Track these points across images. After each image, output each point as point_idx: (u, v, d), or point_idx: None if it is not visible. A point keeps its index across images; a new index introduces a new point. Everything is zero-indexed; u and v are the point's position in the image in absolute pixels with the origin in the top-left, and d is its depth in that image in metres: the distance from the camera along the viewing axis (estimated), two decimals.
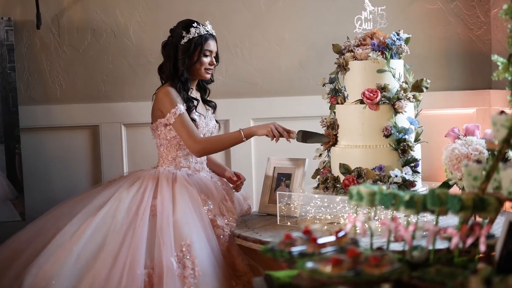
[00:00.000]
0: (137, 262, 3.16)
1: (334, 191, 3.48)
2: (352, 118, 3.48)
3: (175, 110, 3.52)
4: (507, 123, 2.31)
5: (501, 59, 2.79)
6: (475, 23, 4.48)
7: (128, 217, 3.34)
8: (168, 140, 3.61)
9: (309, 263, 2.11)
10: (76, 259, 3.17)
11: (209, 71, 3.67)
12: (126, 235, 3.26)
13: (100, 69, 4.22)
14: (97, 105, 4.21)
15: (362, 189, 2.47)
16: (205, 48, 3.61)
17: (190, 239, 3.26)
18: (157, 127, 3.63)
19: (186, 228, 3.29)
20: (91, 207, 3.40)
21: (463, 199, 2.26)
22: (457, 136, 3.46)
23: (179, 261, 3.20)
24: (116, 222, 3.31)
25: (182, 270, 3.18)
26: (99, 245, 3.24)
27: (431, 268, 2.19)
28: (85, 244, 3.22)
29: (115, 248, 3.22)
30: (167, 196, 3.42)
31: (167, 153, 3.64)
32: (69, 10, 4.17)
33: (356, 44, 3.58)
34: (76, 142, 4.22)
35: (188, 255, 3.21)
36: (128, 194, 3.44)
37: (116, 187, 3.52)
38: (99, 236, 3.26)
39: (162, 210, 3.35)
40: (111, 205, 3.39)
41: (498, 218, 2.42)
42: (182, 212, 3.35)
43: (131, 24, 4.22)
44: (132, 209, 3.37)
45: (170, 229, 3.27)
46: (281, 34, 4.35)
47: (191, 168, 3.65)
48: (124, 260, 3.17)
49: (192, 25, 3.60)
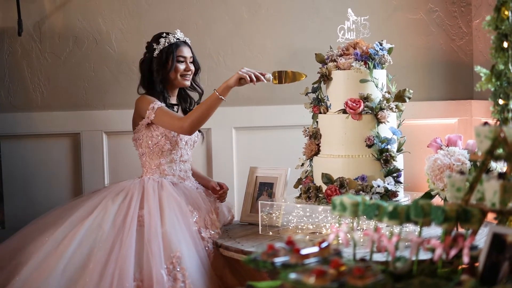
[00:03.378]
0: (125, 274, 3.12)
1: (316, 201, 3.47)
2: (334, 127, 3.48)
3: (153, 105, 3.51)
4: (490, 134, 2.32)
5: (484, 70, 2.81)
6: (457, 34, 4.50)
7: (115, 228, 3.29)
8: (150, 148, 3.59)
9: (292, 274, 2.10)
10: (63, 271, 3.13)
11: (186, 77, 3.65)
12: (114, 246, 3.22)
13: (81, 77, 4.19)
14: (79, 112, 4.18)
15: (345, 199, 2.47)
16: (177, 54, 3.61)
17: (180, 251, 3.22)
18: (138, 136, 3.61)
19: (175, 240, 3.26)
20: (76, 217, 3.35)
21: (447, 211, 2.26)
22: (439, 146, 3.46)
23: (169, 273, 3.16)
24: (103, 232, 3.27)
25: (172, 282, 3.15)
26: (86, 256, 3.19)
27: (415, 280, 2.18)
28: (71, 255, 3.18)
29: (103, 260, 3.17)
30: (154, 206, 3.37)
31: (150, 161, 3.61)
32: (51, 17, 4.14)
33: (339, 54, 3.59)
34: (57, 149, 4.18)
35: (178, 267, 3.18)
36: (114, 204, 3.40)
37: (100, 197, 3.48)
38: (85, 247, 3.22)
39: (150, 221, 3.30)
40: (97, 215, 3.34)
41: (480, 229, 2.42)
42: (170, 223, 3.31)
43: (113, 32, 4.20)
44: (118, 219, 3.33)
45: (159, 241, 3.22)
46: (263, 43, 4.35)
47: (176, 176, 3.63)
48: (112, 272, 3.13)
49: (161, 36, 3.63)
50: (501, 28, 2.73)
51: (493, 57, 2.77)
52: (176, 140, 3.60)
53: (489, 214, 2.37)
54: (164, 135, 3.57)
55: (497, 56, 2.76)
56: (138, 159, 3.68)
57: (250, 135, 4.31)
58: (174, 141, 3.60)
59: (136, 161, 3.73)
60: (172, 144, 3.60)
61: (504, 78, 2.75)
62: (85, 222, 3.30)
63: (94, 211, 3.37)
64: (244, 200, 3.78)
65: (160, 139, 3.57)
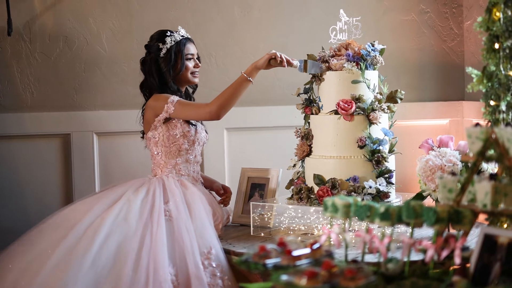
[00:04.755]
0: (160, 268, 3.02)
1: (308, 202, 3.46)
2: (326, 128, 3.47)
3: (172, 99, 3.44)
4: (482, 135, 2.32)
5: (476, 72, 2.81)
6: (448, 35, 4.50)
7: (142, 220, 3.19)
8: (167, 147, 3.50)
9: (284, 275, 2.09)
10: (91, 265, 3.01)
11: (195, 75, 3.61)
12: (143, 239, 3.12)
13: (72, 77, 4.17)
14: (69, 113, 4.15)
15: (337, 200, 2.46)
16: (186, 52, 3.56)
17: (214, 247, 3.17)
18: (154, 134, 3.50)
19: (207, 236, 3.20)
20: (97, 209, 3.24)
21: (439, 212, 2.26)
22: (431, 147, 3.46)
23: (205, 269, 3.09)
24: (130, 225, 3.16)
25: (210, 278, 3.08)
26: (115, 249, 3.08)
27: (407, 281, 2.18)
28: (98, 249, 3.05)
29: (133, 253, 3.06)
30: (180, 201, 3.30)
31: (166, 160, 3.52)
32: (41, 17, 4.11)
33: (331, 55, 3.58)
34: (47, 150, 4.15)
35: (214, 263, 3.12)
36: (136, 197, 3.31)
37: (121, 190, 3.38)
38: (113, 240, 3.10)
39: (178, 215, 3.23)
40: (121, 208, 3.23)
41: (471, 230, 2.42)
42: (199, 219, 3.25)
43: (104, 32, 4.18)
44: (144, 212, 3.23)
45: (190, 236, 3.15)
46: (255, 44, 4.34)
47: (190, 177, 3.56)
48: (146, 266, 3.03)
49: (166, 35, 3.54)
50: (493, 30, 2.73)
51: (485, 58, 2.78)
52: (194, 139, 3.54)
53: (480, 215, 2.37)
54: (183, 134, 3.50)
55: (489, 57, 2.76)
56: (129, 160, 3.66)
57: (241, 136, 4.31)
58: (191, 140, 3.54)
59: (127, 162, 3.71)
60: (189, 144, 3.53)
61: (495, 79, 2.75)
62: (108, 214, 3.18)
63: (117, 203, 3.26)
64: (236, 201, 3.77)
65: (179, 138, 3.49)
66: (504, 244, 2.15)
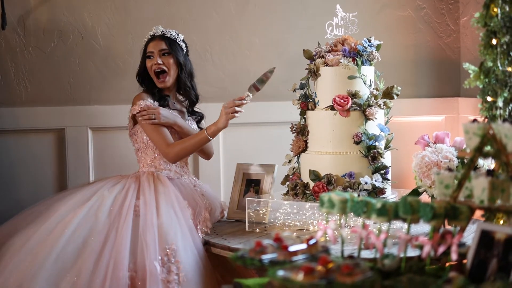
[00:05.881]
0: (120, 264, 3.08)
1: (303, 198, 3.45)
2: (322, 124, 3.46)
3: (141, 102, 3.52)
4: (479, 131, 2.31)
5: (473, 67, 2.81)
6: (444, 31, 4.50)
7: (110, 217, 3.25)
8: (144, 143, 3.57)
9: (280, 271, 2.08)
10: (56, 259, 3.07)
11: (161, 78, 3.61)
12: (109, 235, 3.17)
13: (66, 72, 4.15)
14: (63, 108, 4.14)
15: (334, 196, 2.45)
16: (147, 51, 3.62)
17: (176, 244, 3.18)
18: (134, 132, 3.60)
19: (171, 232, 3.22)
20: (71, 204, 3.30)
21: (436, 208, 2.25)
22: (427, 143, 3.45)
23: (163, 265, 3.12)
24: (98, 221, 3.21)
25: (166, 274, 3.11)
26: (81, 244, 3.13)
27: (403, 277, 2.17)
28: (65, 244, 3.11)
29: (97, 248, 3.12)
30: (150, 198, 3.34)
31: (145, 156, 3.59)
32: (36, 11, 4.09)
33: (327, 50, 3.57)
34: (41, 146, 4.14)
35: (172, 259, 3.14)
36: (110, 193, 3.36)
37: (97, 187, 3.44)
38: (80, 235, 3.16)
39: (145, 212, 3.27)
40: (93, 204, 3.29)
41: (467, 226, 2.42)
42: (166, 215, 3.27)
43: (99, 26, 4.16)
44: (114, 208, 3.28)
45: (154, 232, 3.18)
46: (251, 39, 4.32)
47: (172, 171, 3.59)
48: (107, 262, 3.08)
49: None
50: (490, 25, 2.73)
51: (482, 54, 2.77)
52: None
53: (476, 211, 2.36)
54: None
55: (486, 53, 2.76)
56: (124, 155, 3.66)
57: (237, 132, 4.29)
58: None
59: (122, 157, 3.71)
60: None
61: (492, 75, 2.75)
62: (80, 210, 3.24)
63: (90, 200, 3.32)
64: (231, 197, 3.76)
65: None
66: (501, 240, 2.14)
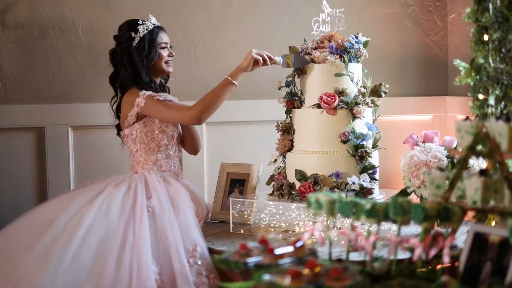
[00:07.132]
0: (144, 265, 2.92)
1: (289, 198, 3.39)
2: (308, 123, 3.40)
3: (144, 93, 3.37)
4: (472, 129, 2.25)
5: (463, 64, 2.75)
6: (432, 28, 4.45)
7: (124, 216, 3.09)
8: (146, 143, 3.43)
9: (266, 275, 2.02)
10: (72, 260, 2.90)
11: (170, 64, 3.53)
12: (126, 235, 3.01)
13: (46, 68, 4.06)
14: (43, 106, 4.05)
15: (321, 197, 2.38)
16: (159, 41, 3.48)
17: (199, 244, 3.08)
18: (131, 131, 3.43)
19: (192, 232, 3.11)
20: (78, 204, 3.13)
21: (427, 209, 2.18)
22: (415, 142, 3.40)
23: (190, 267, 3.00)
24: (111, 221, 3.06)
25: (196, 277, 2.99)
26: (96, 245, 2.97)
27: (394, 281, 2.11)
28: (79, 245, 2.95)
29: (116, 249, 2.96)
30: (164, 197, 3.22)
31: (146, 157, 3.44)
32: (15, 6, 4.00)
33: (313, 47, 3.51)
34: (20, 144, 4.05)
35: (199, 261, 3.02)
36: (118, 192, 3.20)
37: (100, 186, 3.28)
38: (94, 235, 2.99)
39: (161, 212, 3.14)
40: (101, 203, 3.13)
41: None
42: (184, 215, 3.17)
43: (80, 22, 4.08)
44: (126, 208, 3.13)
45: (175, 232, 3.06)
46: (235, 36, 4.26)
47: (171, 172, 3.49)
48: (130, 263, 2.92)
49: (138, 24, 3.45)
50: (481, 21, 2.67)
51: (473, 51, 2.71)
52: (173, 134, 3.48)
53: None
54: (161, 130, 3.43)
55: (477, 49, 2.70)
56: (105, 154, 3.57)
57: (221, 131, 4.23)
58: (170, 135, 3.47)
59: (103, 156, 3.63)
60: (168, 139, 3.46)
61: (484, 72, 2.69)
62: (89, 210, 3.07)
63: (97, 199, 3.15)
64: (215, 197, 3.70)
65: (157, 133, 3.42)
66: (496, 243, 2.09)
